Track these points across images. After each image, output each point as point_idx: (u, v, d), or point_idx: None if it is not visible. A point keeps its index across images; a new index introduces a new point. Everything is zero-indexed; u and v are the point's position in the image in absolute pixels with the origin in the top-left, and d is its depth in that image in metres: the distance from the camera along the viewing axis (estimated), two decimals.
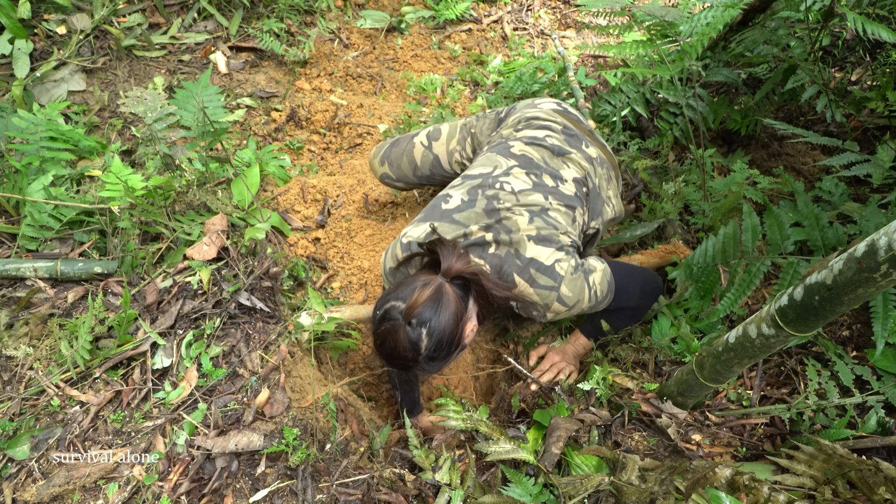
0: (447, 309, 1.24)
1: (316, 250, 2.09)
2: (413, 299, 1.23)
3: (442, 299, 1.24)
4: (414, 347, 1.23)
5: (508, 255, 1.35)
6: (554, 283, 1.34)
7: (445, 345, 1.25)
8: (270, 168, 2.16)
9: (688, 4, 2.51)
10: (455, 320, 1.25)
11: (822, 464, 1.17)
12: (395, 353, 1.25)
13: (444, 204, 1.44)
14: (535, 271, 1.34)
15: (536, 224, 1.39)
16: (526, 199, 1.43)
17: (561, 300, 1.35)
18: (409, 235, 1.44)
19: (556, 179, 1.50)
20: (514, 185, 1.45)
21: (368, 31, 3.11)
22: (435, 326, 1.23)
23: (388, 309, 1.25)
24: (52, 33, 2.48)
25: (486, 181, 1.46)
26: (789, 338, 1.01)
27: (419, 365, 1.27)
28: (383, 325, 1.26)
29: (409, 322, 1.22)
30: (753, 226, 1.49)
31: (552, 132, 1.60)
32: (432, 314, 1.23)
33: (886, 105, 1.79)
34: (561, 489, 1.19)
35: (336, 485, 1.33)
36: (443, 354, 1.27)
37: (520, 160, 1.51)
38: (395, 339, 1.23)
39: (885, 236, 0.77)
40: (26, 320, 1.59)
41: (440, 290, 1.25)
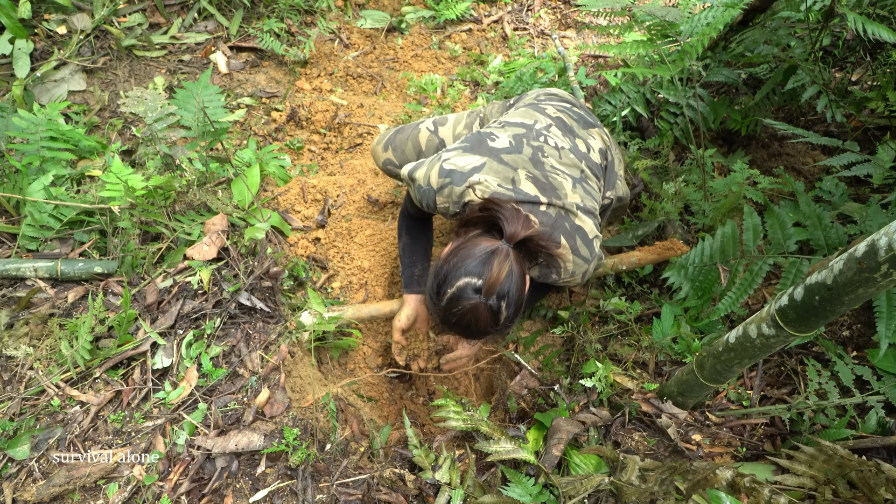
0: (519, 277, 1.24)
1: (316, 250, 2.09)
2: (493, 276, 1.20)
3: (514, 269, 1.23)
4: (495, 320, 1.23)
5: (560, 217, 1.35)
6: (589, 257, 1.37)
7: (519, 308, 1.26)
8: (271, 168, 2.16)
9: (688, 4, 2.51)
10: (523, 284, 1.27)
11: (822, 464, 1.17)
12: (476, 328, 1.24)
13: (491, 141, 1.41)
14: (580, 240, 1.35)
15: (579, 192, 1.40)
16: (567, 158, 1.44)
17: (584, 274, 1.39)
18: (452, 162, 1.37)
19: (587, 146, 1.53)
20: (556, 141, 1.46)
21: (369, 31, 3.11)
22: (513, 296, 1.23)
23: (463, 287, 1.21)
24: (53, 33, 2.48)
25: (529, 132, 1.45)
26: (790, 338, 1.01)
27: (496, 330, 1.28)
28: (460, 304, 1.22)
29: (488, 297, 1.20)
30: (755, 225, 1.49)
31: (575, 107, 1.66)
32: (509, 286, 1.22)
33: (887, 105, 1.79)
34: (561, 489, 1.19)
35: (336, 485, 1.33)
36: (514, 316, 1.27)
37: (556, 121, 1.53)
38: (475, 315, 1.21)
39: (886, 236, 0.77)
40: (26, 320, 1.59)
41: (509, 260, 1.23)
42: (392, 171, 1.89)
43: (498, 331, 1.28)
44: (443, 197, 1.37)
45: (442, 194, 1.37)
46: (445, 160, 1.37)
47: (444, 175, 1.35)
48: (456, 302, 1.22)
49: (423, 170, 1.41)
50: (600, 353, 1.58)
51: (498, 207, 1.26)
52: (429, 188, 1.38)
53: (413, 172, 1.43)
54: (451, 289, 1.22)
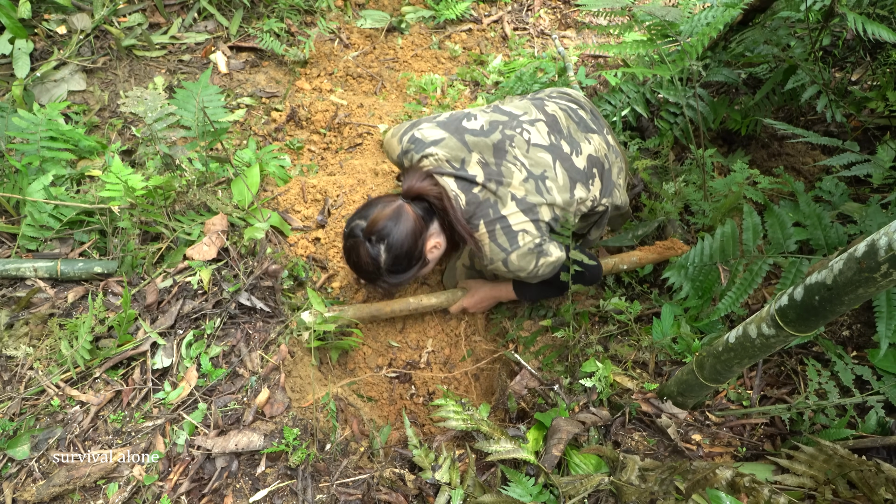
0: (405, 226, 1.36)
1: (316, 250, 2.09)
2: (373, 217, 1.36)
3: (401, 217, 1.36)
4: (374, 262, 1.38)
5: (486, 203, 1.42)
6: (508, 248, 1.42)
7: (405, 259, 1.39)
8: (270, 168, 2.16)
9: (688, 4, 2.51)
10: (413, 237, 1.38)
11: (822, 464, 1.17)
12: (359, 267, 1.40)
13: (466, 121, 1.51)
14: (500, 228, 1.42)
15: (527, 187, 1.44)
16: (535, 155, 1.48)
17: (505, 263, 1.44)
18: (422, 130, 1.50)
19: (573, 149, 1.55)
20: (532, 136, 1.50)
21: (369, 30, 3.11)
22: (393, 242, 1.36)
23: (353, 227, 1.39)
24: (53, 33, 2.48)
25: (511, 121, 1.52)
26: (789, 338, 1.01)
27: (382, 278, 1.42)
28: (348, 241, 1.40)
29: (369, 239, 1.35)
30: (754, 225, 1.49)
31: (582, 109, 1.69)
32: (390, 231, 1.35)
33: (887, 105, 1.79)
34: (561, 489, 1.19)
35: (336, 485, 1.33)
36: (402, 268, 1.41)
37: (548, 119, 1.57)
38: (357, 254, 1.38)
39: (886, 236, 0.77)
40: (26, 320, 1.59)
41: (399, 210, 1.37)
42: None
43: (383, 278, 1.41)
44: (406, 160, 1.51)
45: (406, 157, 1.51)
46: (418, 128, 1.51)
47: (411, 142, 1.50)
48: (346, 239, 1.41)
49: (395, 134, 1.56)
50: (601, 354, 1.58)
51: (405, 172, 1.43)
52: (401, 151, 1.53)
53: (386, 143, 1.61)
54: (346, 228, 1.42)
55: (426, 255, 1.45)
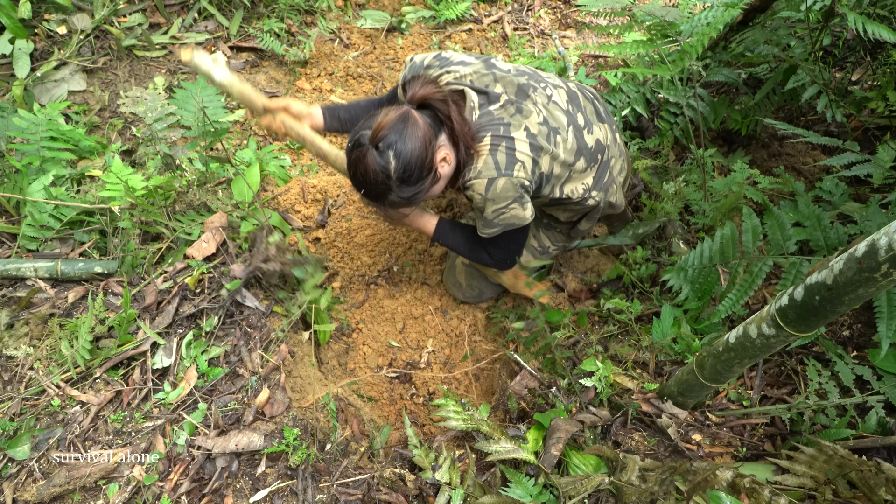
0: (414, 132, 1.27)
1: (316, 250, 2.09)
2: (378, 123, 1.26)
3: (408, 122, 1.27)
4: (383, 171, 1.26)
5: (500, 120, 1.37)
6: (502, 169, 1.35)
7: (416, 168, 1.28)
8: (271, 168, 2.16)
9: (688, 4, 2.51)
10: (423, 144, 1.28)
11: (822, 464, 1.17)
12: (367, 179, 1.29)
13: (495, 61, 1.47)
14: (505, 146, 1.35)
15: (541, 130, 1.39)
16: (553, 111, 1.45)
17: (491, 183, 1.36)
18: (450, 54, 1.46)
19: (586, 124, 1.53)
20: (554, 96, 1.47)
21: (369, 31, 3.11)
22: (402, 148, 1.26)
23: (359, 136, 1.29)
24: (53, 33, 2.48)
25: (535, 76, 1.49)
26: (790, 338, 1.01)
27: (393, 190, 1.30)
28: (353, 153, 1.29)
29: (376, 146, 1.26)
30: (754, 226, 1.49)
31: (597, 101, 1.67)
32: (398, 136, 1.26)
33: (887, 105, 1.78)
34: (561, 489, 1.19)
35: (336, 485, 1.33)
36: (414, 178, 1.30)
37: (569, 92, 1.55)
38: (364, 164, 1.27)
39: (886, 236, 0.77)
40: (27, 320, 1.59)
41: (406, 115, 1.28)
42: None
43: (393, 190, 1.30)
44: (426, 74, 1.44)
45: (427, 72, 1.45)
46: (446, 52, 1.47)
47: (438, 59, 1.45)
48: (351, 151, 1.30)
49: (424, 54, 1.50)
50: (600, 354, 1.58)
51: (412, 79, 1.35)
52: (419, 63, 1.48)
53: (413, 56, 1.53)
54: (351, 140, 1.31)
55: (437, 168, 1.35)
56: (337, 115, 1.66)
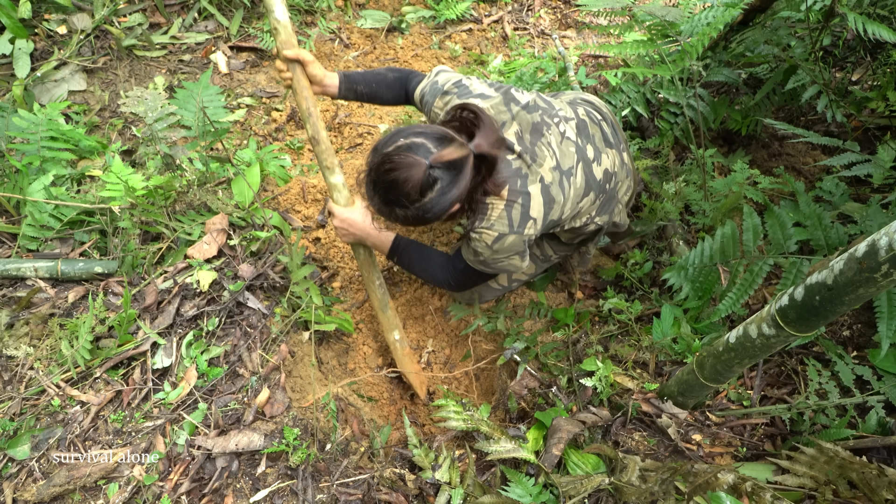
0: (462, 182, 1.22)
1: (316, 250, 2.09)
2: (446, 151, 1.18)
3: (463, 170, 1.21)
4: (417, 193, 1.19)
5: (518, 172, 1.34)
6: (515, 229, 1.34)
7: (439, 210, 1.23)
8: (271, 168, 2.16)
9: (688, 4, 2.51)
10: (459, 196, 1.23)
11: (823, 465, 1.17)
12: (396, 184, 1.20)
13: (514, 91, 1.44)
14: (521, 202, 1.33)
15: (554, 176, 1.38)
16: (566, 148, 1.44)
17: (498, 238, 1.35)
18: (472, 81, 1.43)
19: (595, 156, 1.52)
20: (567, 132, 1.46)
21: (369, 30, 3.11)
22: (446, 189, 1.20)
23: (418, 144, 1.19)
24: (53, 33, 2.48)
25: (550, 110, 1.47)
26: (790, 338, 1.01)
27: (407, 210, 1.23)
28: (405, 156, 1.18)
29: (432, 166, 1.18)
30: (755, 226, 1.49)
31: (605, 122, 1.65)
32: (450, 179, 1.20)
33: (887, 105, 1.78)
34: (561, 489, 1.19)
35: (336, 485, 1.33)
36: (430, 216, 1.24)
37: (579, 121, 1.54)
38: (409, 173, 1.18)
39: (886, 236, 0.77)
40: (27, 320, 1.59)
41: (466, 161, 1.21)
42: None
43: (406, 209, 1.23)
44: (442, 101, 1.43)
45: (443, 98, 1.43)
46: (468, 78, 1.44)
47: (458, 86, 1.42)
48: (403, 152, 1.19)
49: (450, 74, 1.47)
50: (601, 354, 1.58)
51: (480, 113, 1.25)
52: (440, 88, 1.44)
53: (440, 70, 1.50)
54: (406, 140, 1.20)
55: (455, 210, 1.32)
56: (354, 89, 1.60)
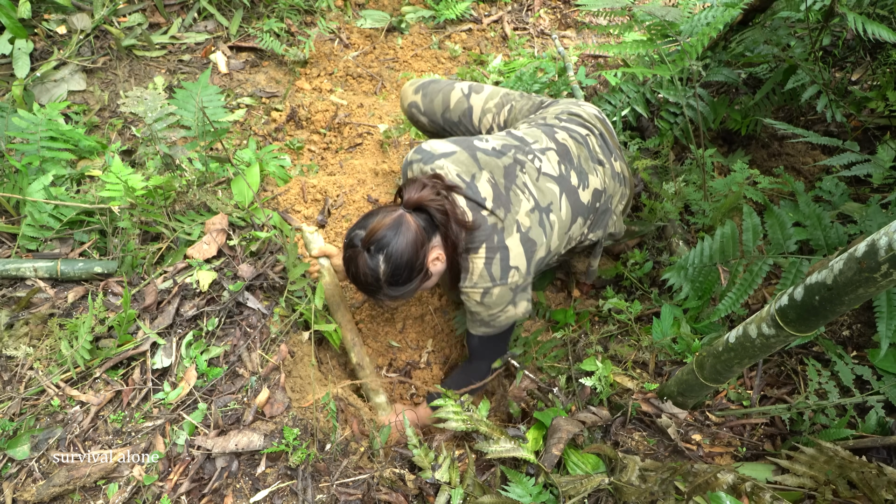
0: (405, 236, 1.31)
1: None
2: (372, 227, 1.32)
3: (401, 227, 1.32)
4: (373, 273, 1.33)
5: (493, 227, 1.39)
6: (497, 281, 1.40)
7: (405, 271, 1.33)
8: (270, 168, 2.16)
9: (688, 4, 2.51)
10: (414, 248, 1.32)
11: (823, 465, 1.17)
12: (358, 278, 1.36)
13: (478, 142, 1.49)
14: (499, 257, 1.39)
15: (533, 219, 1.42)
16: (544, 185, 1.46)
17: (486, 293, 1.41)
18: (430, 144, 1.48)
19: (581, 181, 1.53)
20: (543, 165, 1.48)
21: (369, 30, 3.11)
22: (392, 252, 1.31)
23: (352, 237, 1.36)
24: (53, 33, 2.48)
25: (523, 147, 1.50)
26: (790, 338, 1.01)
27: (382, 290, 1.36)
28: (347, 251, 1.37)
29: (367, 249, 1.32)
30: (754, 225, 1.49)
31: (592, 135, 1.65)
32: (390, 241, 1.31)
33: (887, 105, 1.78)
34: (561, 489, 1.19)
35: (336, 485, 1.33)
36: (403, 279, 1.35)
37: (559, 148, 1.54)
38: (356, 264, 1.34)
39: (886, 236, 0.77)
40: (26, 320, 1.59)
41: (399, 219, 1.33)
42: (414, 117, 1.89)
43: (382, 290, 1.36)
44: (411, 171, 1.49)
45: (411, 168, 1.49)
46: (426, 143, 1.49)
47: (418, 153, 1.48)
48: (345, 250, 1.38)
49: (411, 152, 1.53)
50: (600, 354, 1.58)
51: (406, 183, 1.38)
52: (406, 161, 1.51)
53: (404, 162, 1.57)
54: (346, 239, 1.38)
55: (428, 268, 1.40)
56: None
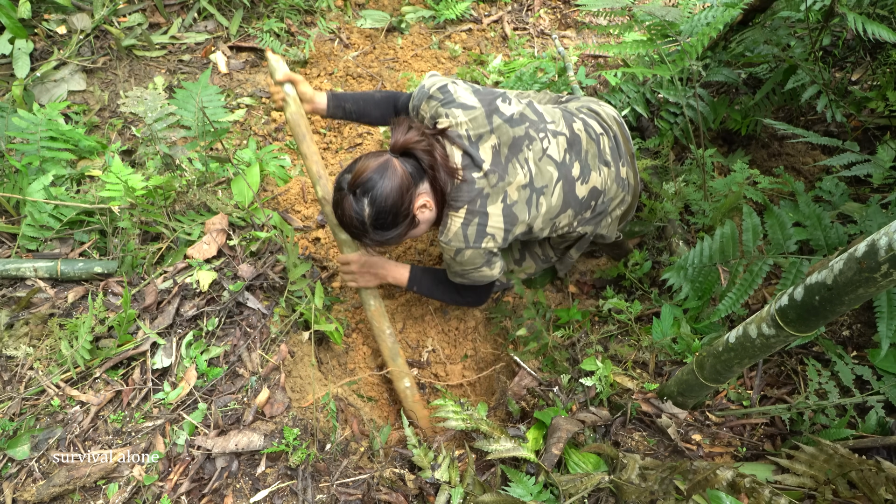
0: (390, 180, 1.32)
1: (316, 250, 2.09)
2: (357, 170, 1.32)
3: (387, 171, 1.32)
4: (358, 216, 1.34)
5: (479, 192, 1.40)
6: (471, 244, 1.42)
7: (390, 215, 1.34)
8: (270, 168, 2.16)
9: (688, 4, 2.51)
10: (399, 192, 1.33)
11: (822, 464, 1.17)
12: (344, 221, 1.37)
13: (501, 102, 1.47)
14: (477, 222, 1.40)
15: (522, 195, 1.43)
16: (544, 166, 1.47)
17: (458, 252, 1.44)
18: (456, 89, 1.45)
19: (582, 175, 1.54)
20: (549, 148, 1.49)
21: (368, 30, 3.11)
22: (377, 195, 1.31)
23: (339, 180, 1.37)
24: (53, 33, 2.48)
25: (539, 123, 1.50)
26: (790, 338, 1.01)
27: (368, 233, 1.37)
28: (335, 195, 1.38)
29: (353, 192, 1.32)
30: (754, 226, 1.49)
31: (606, 136, 1.65)
32: (375, 184, 1.31)
33: (887, 105, 1.78)
34: (561, 488, 1.19)
35: (336, 485, 1.33)
36: (388, 224, 1.36)
37: (571, 136, 1.55)
38: (342, 207, 1.35)
39: (886, 236, 0.77)
40: (26, 320, 1.59)
41: (385, 163, 1.33)
42: None
43: (368, 234, 1.37)
44: (428, 105, 1.47)
45: (429, 103, 1.46)
46: (454, 83, 1.47)
47: (443, 91, 1.45)
48: (334, 193, 1.39)
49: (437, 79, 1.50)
50: (600, 354, 1.58)
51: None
52: (426, 91, 1.48)
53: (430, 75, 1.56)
54: (337, 180, 1.38)
55: (415, 214, 1.39)
56: (342, 106, 1.65)
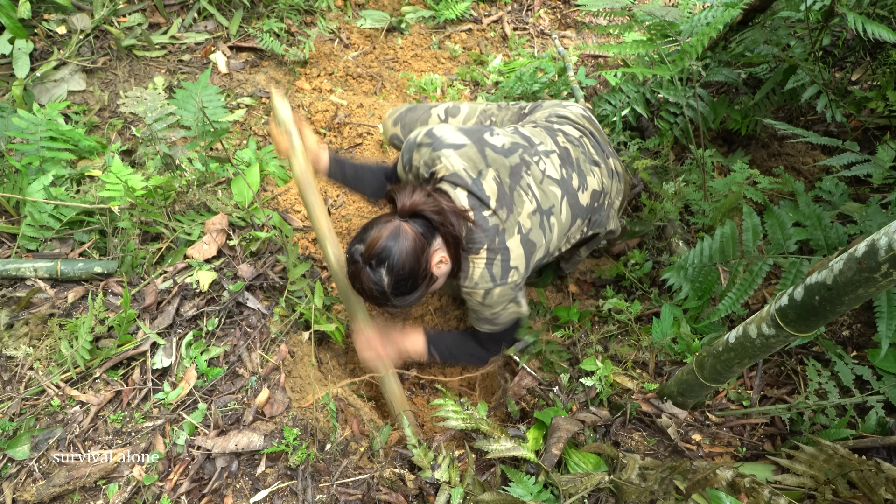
0: (405, 246, 1.31)
1: (316, 250, 2.09)
2: (370, 240, 1.31)
3: (399, 237, 1.31)
4: (378, 286, 1.32)
5: (494, 229, 1.39)
6: (498, 281, 1.40)
7: (409, 279, 1.33)
8: (270, 168, 2.16)
9: (688, 4, 2.51)
10: (415, 256, 1.32)
11: (822, 464, 1.17)
12: (364, 292, 1.36)
13: (488, 136, 1.47)
14: (500, 259, 1.39)
15: (534, 221, 1.42)
16: (547, 188, 1.46)
17: (487, 293, 1.42)
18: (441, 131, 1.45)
19: (581, 184, 1.53)
20: (547, 168, 1.48)
21: (368, 30, 3.11)
22: (394, 264, 1.30)
23: (352, 252, 1.35)
24: (53, 33, 2.48)
25: (530, 147, 1.50)
26: (790, 338, 1.01)
27: (390, 301, 1.36)
28: (349, 267, 1.37)
29: (369, 263, 1.31)
30: (754, 226, 1.49)
31: (585, 136, 1.64)
32: (389, 253, 1.30)
33: (886, 105, 1.78)
34: (561, 487, 1.19)
35: (336, 485, 1.33)
36: (408, 288, 1.35)
37: (561, 152, 1.54)
38: (360, 280, 1.34)
39: (886, 236, 0.77)
40: (26, 320, 1.59)
41: (397, 230, 1.32)
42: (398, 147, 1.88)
43: (389, 301, 1.36)
44: (418, 154, 1.46)
45: (420, 150, 1.46)
46: (437, 127, 1.47)
47: (429, 136, 1.45)
48: (348, 266, 1.37)
49: (420, 129, 1.51)
50: (600, 354, 1.58)
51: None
52: (413, 141, 1.48)
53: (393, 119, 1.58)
54: (347, 254, 1.37)
55: (432, 272, 1.38)
56: (342, 170, 1.68)
